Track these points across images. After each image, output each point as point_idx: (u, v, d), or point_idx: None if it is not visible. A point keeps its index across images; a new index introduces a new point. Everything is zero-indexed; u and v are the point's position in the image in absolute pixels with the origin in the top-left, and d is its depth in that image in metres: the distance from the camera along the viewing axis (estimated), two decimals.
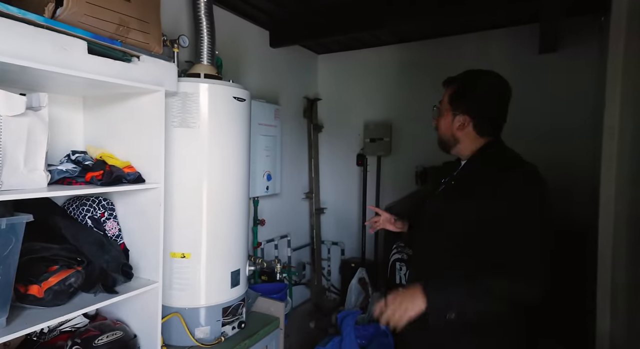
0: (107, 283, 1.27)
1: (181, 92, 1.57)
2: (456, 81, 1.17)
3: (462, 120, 1.15)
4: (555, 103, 2.51)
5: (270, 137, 2.58)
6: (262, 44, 2.78)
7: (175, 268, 1.61)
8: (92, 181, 1.26)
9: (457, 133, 1.17)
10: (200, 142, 1.60)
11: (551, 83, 2.50)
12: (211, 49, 1.77)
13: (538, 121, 2.54)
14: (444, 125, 1.19)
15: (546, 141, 2.50)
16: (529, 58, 2.55)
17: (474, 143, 1.17)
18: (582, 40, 2.36)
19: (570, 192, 2.31)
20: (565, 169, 2.38)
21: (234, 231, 1.73)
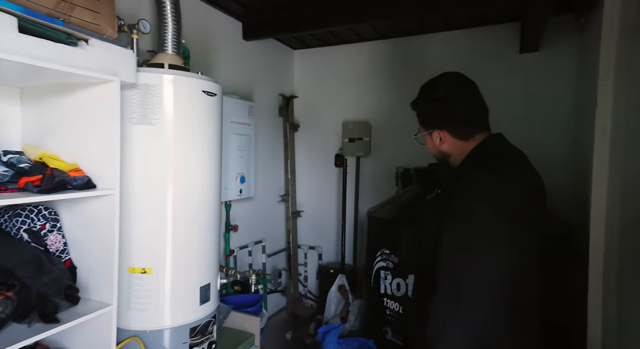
0: (45, 310, 1.06)
1: (141, 84, 1.37)
2: (415, 102, 1.15)
3: (438, 135, 1.10)
4: (534, 103, 2.49)
5: (244, 136, 2.40)
6: (234, 36, 2.58)
7: (134, 285, 1.41)
8: (26, 188, 1.04)
9: (443, 148, 1.11)
10: (164, 141, 1.40)
11: (531, 83, 2.49)
12: (177, 37, 1.57)
13: (517, 120, 2.51)
14: (430, 146, 1.15)
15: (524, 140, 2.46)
16: (510, 57, 2.52)
17: (463, 149, 1.08)
18: (562, 40, 2.35)
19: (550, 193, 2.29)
20: (544, 170, 2.36)
21: (203, 240, 1.55)
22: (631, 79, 1.35)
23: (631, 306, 1.30)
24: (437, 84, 1.10)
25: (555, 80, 2.41)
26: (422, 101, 1.12)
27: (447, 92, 1.07)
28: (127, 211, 1.38)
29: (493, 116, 1.11)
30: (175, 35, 1.56)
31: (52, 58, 1.02)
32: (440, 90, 1.08)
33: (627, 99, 1.37)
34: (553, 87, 2.42)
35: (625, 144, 1.38)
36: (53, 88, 1.26)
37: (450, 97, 1.07)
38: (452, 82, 1.09)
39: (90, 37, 1.14)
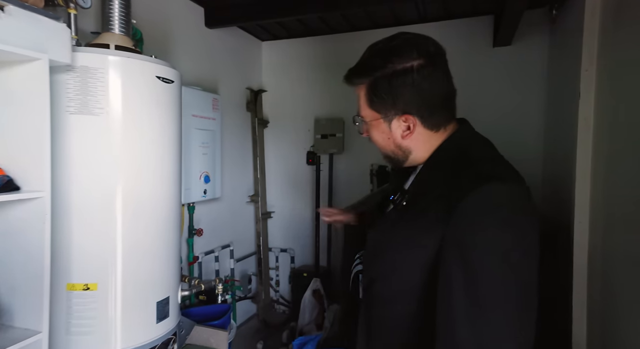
0: None
1: (79, 66, 1.16)
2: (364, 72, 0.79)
3: (405, 123, 0.77)
4: (508, 98, 2.48)
5: (208, 131, 2.19)
6: (196, 22, 2.37)
7: (75, 304, 1.19)
8: None
9: (405, 142, 0.79)
10: (111, 134, 1.20)
11: (505, 77, 2.47)
12: (125, 15, 1.36)
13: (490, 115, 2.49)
14: (380, 138, 0.82)
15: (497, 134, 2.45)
16: (483, 51, 2.49)
17: (429, 144, 0.80)
18: (534, 33, 2.35)
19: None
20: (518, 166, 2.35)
21: (160, 248, 1.36)
22: (616, 69, 1.30)
23: (618, 305, 1.26)
24: (413, 48, 0.74)
25: (528, 74, 2.41)
26: (384, 71, 0.75)
27: (427, 62, 0.73)
28: (66, 217, 1.17)
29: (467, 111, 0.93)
30: (123, 12, 1.35)
31: None
32: (418, 58, 0.73)
33: (611, 89, 1.33)
34: (526, 81, 2.42)
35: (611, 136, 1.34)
36: None
37: (431, 69, 0.74)
38: (433, 48, 0.76)
39: (6, 3, 0.92)
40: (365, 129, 0.85)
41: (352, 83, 0.82)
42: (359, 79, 0.80)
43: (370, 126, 0.83)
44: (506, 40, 2.31)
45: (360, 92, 0.82)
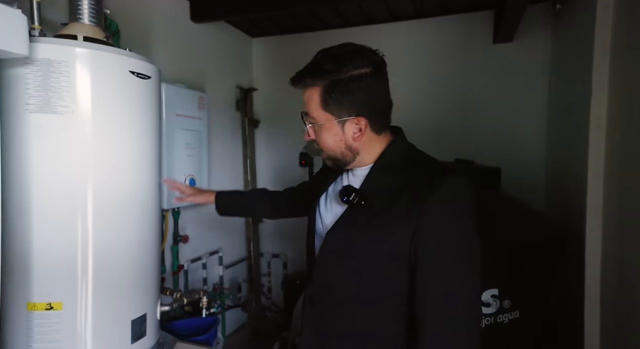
0: None
1: (41, 59, 1.03)
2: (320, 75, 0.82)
3: (357, 124, 0.83)
4: (508, 96, 2.39)
5: (194, 132, 2.07)
6: (181, 16, 2.24)
7: (36, 326, 1.06)
8: None
9: (355, 144, 0.85)
10: (77, 134, 1.07)
11: (505, 75, 2.38)
12: (95, 4, 1.23)
13: (490, 114, 2.40)
14: (331, 140, 0.85)
15: (498, 135, 2.37)
16: (483, 48, 2.40)
17: (374, 147, 0.87)
18: (535, 29, 2.26)
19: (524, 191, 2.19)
20: (519, 166, 2.26)
21: (138, 259, 1.23)
22: (630, 64, 1.21)
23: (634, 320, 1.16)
24: (364, 57, 0.82)
25: (529, 71, 2.32)
26: (340, 75, 0.80)
27: (376, 70, 0.82)
28: (24, 228, 1.04)
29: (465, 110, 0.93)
30: (93, 0, 1.23)
31: None
32: (368, 65, 0.81)
33: (625, 86, 1.23)
34: (527, 78, 2.33)
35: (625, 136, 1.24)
36: None
37: (379, 77, 0.83)
38: (379, 59, 0.85)
39: None
40: (313, 131, 0.88)
41: (304, 84, 0.85)
42: (313, 81, 0.83)
43: (321, 128, 0.86)
44: (507, 36, 2.22)
45: (312, 94, 0.84)
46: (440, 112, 2.50)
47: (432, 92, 2.53)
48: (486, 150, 2.34)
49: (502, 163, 1.89)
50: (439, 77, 2.50)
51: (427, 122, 2.50)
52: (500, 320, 1.19)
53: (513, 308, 1.21)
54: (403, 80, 2.58)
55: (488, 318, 1.19)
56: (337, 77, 0.80)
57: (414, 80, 2.56)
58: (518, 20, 1.98)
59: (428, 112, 2.53)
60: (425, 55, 2.53)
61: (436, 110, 2.51)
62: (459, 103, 2.44)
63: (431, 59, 2.52)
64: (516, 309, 1.22)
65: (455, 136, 2.44)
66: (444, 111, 2.49)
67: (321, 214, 0.98)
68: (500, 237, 1.28)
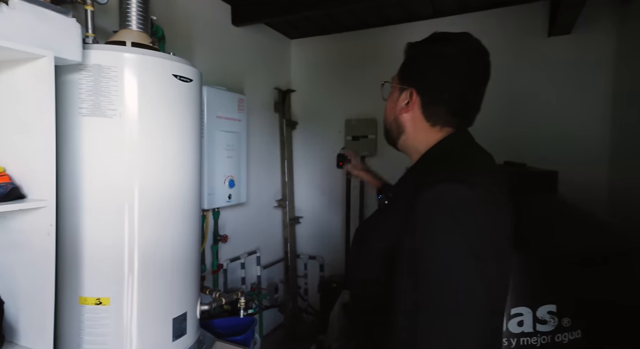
0: None
1: (92, 65, 1.08)
2: (417, 46, 0.84)
3: (408, 97, 0.81)
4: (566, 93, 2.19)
5: (233, 133, 2.10)
6: (222, 20, 2.29)
7: (86, 319, 1.11)
8: None
9: (402, 117, 0.83)
10: (124, 138, 1.11)
11: (562, 70, 2.19)
12: (143, 10, 1.28)
13: (546, 113, 2.22)
14: (389, 105, 0.88)
15: (555, 136, 2.18)
16: (536, 42, 2.23)
17: (423, 138, 0.82)
18: (598, 19, 2.05)
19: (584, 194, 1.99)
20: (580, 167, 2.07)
21: (179, 259, 1.26)
22: None
23: None
24: (455, 40, 0.79)
25: (590, 66, 2.12)
26: (422, 46, 0.82)
27: (462, 58, 0.77)
28: (76, 227, 1.09)
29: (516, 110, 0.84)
30: (140, 7, 1.27)
31: None
32: (454, 49, 0.78)
33: None
34: (588, 74, 2.13)
35: None
36: None
37: (459, 65, 0.77)
38: (473, 50, 0.79)
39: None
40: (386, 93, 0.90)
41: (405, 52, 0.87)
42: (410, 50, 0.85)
43: (389, 92, 0.88)
44: (565, 28, 2.04)
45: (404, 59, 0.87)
46: (487, 112, 2.35)
47: None
48: (541, 152, 2.17)
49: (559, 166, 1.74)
50: None
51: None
52: (559, 340, 1.08)
53: (574, 327, 1.09)
54: None
55: (544, 336, 1.08)
56: (420, 49, 0.82)
57: None
58: (579, 10, 1.81)
59: None
60: None
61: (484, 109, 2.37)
62: (509, 102, 2.28)
63: None
64: (577, 329, 1.10)
65: (505, 138, 2.29)
66: (491, 111, 2.34)
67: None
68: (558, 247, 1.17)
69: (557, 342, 1.09)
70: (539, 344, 1.09)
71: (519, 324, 1.09)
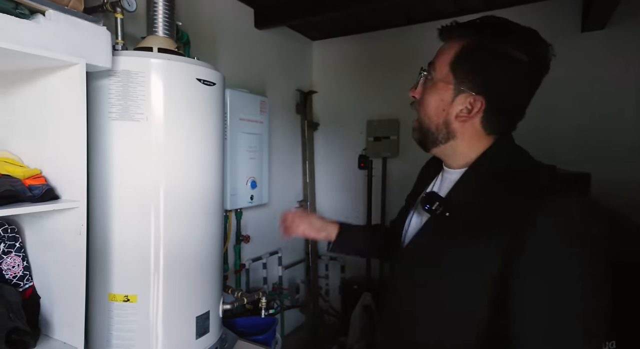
0: None
1: (121, 70, 1.12)
2: (478, 32, 0.70)
3: (471, 102, 0.71)
4: (597, 93, 2.09)
5: (255, 135, 2.13)
6: (245, 24, 2.33)
7: (115, 316, 1.16)
8: None
9: (456, 124, 0.73)
10: (151, 140, 1.15)
11: (597, 68, 2.08)
12: (169, 17, 1.32)
13: (575, 114, 2.12)
14: (434, 104, 0.75)
15: (591, 138, 2.08)
16: (568, 38, 2.13)
17: (476, 144, 0.74)
18: (636, 11, 1.94)
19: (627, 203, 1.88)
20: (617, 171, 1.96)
21: (203, 258, 1.29)
22: None
23: None
24: (528, 41, 0.69)
25: (627, 63, 2.00)
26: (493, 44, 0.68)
27: (535, 66, 0.69)
28: (106, 226, 1.14)
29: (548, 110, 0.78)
30: (166, 14, 1.31)
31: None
32: (530, 53, 0.68)
33: None
34: (623, 71, 2.01)
35: None
36: (10, 77, 1.03)
37: (533, 74, 0.70)
38: (546, 59, 0.70)
39: (47, 7, 0.89)
40: (422, 89, 0.78)
41: (451, 33, 0.74)
42: (463, 33, 0.72)
43: (433, 86, 0.75)
44: (599, 22, 1.94)
45: (450, 48, 0.73)
46: None
47: None
48: (573, 152, 2.07)
49: (592, 168, 1.66)
50: None
51: None
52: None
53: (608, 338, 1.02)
54: None
55: None
56: (487, 43, 0.69)
57: None
58: (615, 3, 1.71)
59: None
60: None
61: None
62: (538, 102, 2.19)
63: None
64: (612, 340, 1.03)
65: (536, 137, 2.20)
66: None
67: (411, 220, 0.88)
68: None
69: None
70: None
71: None
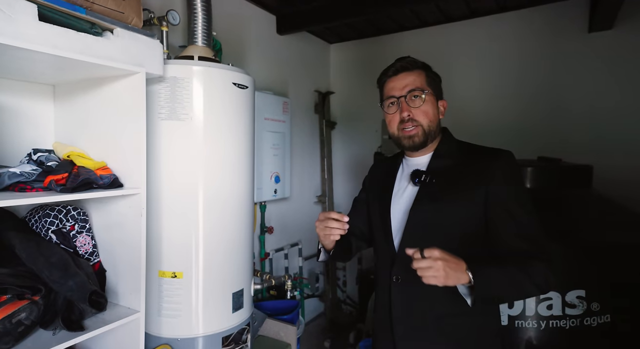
0: (71, 317, 1.00)
1: (169, 77, 1.29)
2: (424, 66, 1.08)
3: (443, 105, 1.08)
4: (604, 92, 2.17)
5: (278, 133, 2.29)
6: (268, 30, 2.50)
7: (165, 290, 1.33)
8: (50, 187, 0.99)
9: (439, 121, 1.07)
10: (194, 138, 1.32)
11: (605, 67, 2.16)
12: (207, 28, 1.49)
13: (588, 112, 2.20)
14: (432, 112, 1.03)
15: (598, 135, 2.16)
16: (576, 38, 2.21)
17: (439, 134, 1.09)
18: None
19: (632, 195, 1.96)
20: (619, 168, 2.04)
21: (236, 243, 1.45)
22: None
23: None
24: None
25: (633, 62, 2.07)
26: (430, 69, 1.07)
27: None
28: (157, 212, 1.32)
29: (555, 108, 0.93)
30: (205, 26, 1.48)
31: (76, 48, 0.95)
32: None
33: None
34: (630, 70, 2.09)
35: None
36: (82, 84, 1.22)
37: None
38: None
39: (115, 26, 1.07)
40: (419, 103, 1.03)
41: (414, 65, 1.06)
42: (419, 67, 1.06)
43: (429, 100, 1.03)
44: (606, 23, 2.02)
45: (419, 74, 1.05)
46: (523, 108, 2.38)
47: (514, 88, 2.41)
48: (580, 148, 2.16)
49: (599, 162, 1.75)
50: (524, 72, 2.37)
51: (508, 118, 2.40)
52: (588, 323, 1.13)
53: (602, 312, 1.14)
54: (483, 76, 2.51)
55: (573, 319, 1.14)
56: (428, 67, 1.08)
57: (493, 76, 2.47)
58: (620, 2, 1.79)
59: (510, 108, 2.42)
60: (508, 50, 2.42)
61: (520, 106, 2.39)
62: (547, 98, 2.29)
63: (513, 54, 2.40)
64: (606, 314, 1.14)
65: (545, 133, 2.30)
66: (528, 107, 2.36)
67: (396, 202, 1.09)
68: (587, 237, 1.21)
69: (586, 325, 1.15)
70: (568, 326, 1.16)
71: (548, 307, 1.17)
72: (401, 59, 1.08)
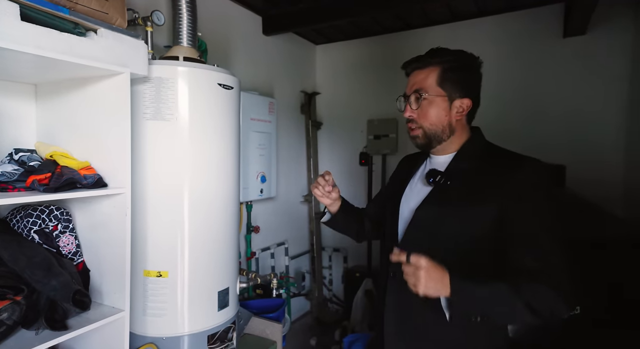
0: (54, 316, 1.00)
1: (154, 77, 1.30)
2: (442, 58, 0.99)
3: (463, 104, 0.98)
4: (580, 94, 2.26)
5: (264, 133, 2.31)
6: (254, 31, 2.51)
7: (150, 289, 1.34)
8: (33, 186, 0.99)
9: (454, 123, 1.00)
10: (179, 138, 1.33)
11: (578, 71, 2.25)
12: (192, 29, 1.50)
13: (562, 114, 2.29)
14: (435, 115, 0.98)
15: (571, 136, 2.25)
16: (552, 43, 2.30)
17: (462, 135, 1.02)
18: (613, 19, 2.11)
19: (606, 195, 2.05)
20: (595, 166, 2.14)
21: (222, 242, 1.47)
22: None
23: None
24: (472, 56, 1.01)
25: (606, 66, 2.17)
26: (459, 58, 0.99)
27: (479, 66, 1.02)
28: (142, 212, 1.32)
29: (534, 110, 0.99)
30: (190, 27, 1.49)
31: (60, 49, 0.95)
32: (476, 62, 1.01)
33: None
34: (603, 74, 2.18)
35: None
36: (65, 83, 1.21)
37: (480, 73, 1.02)
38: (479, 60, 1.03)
39: (99, 26, 1.07)
40: (416, 106, 1.00)
41: (427, 63, 0.99)
42: (435, 60, 0.98)
43: (430, 103, 0.98)
44: (579, 28, 2.11)
45: (430, 73, 0.99)
46: (502, 110, 2.45)
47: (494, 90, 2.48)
48: (556, 149, 2.24)
49: (574, 162, 1.82)
50: (502, 75, 2.44)
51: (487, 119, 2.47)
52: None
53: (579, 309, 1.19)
54: None
55: None
56: (455, 62, 0.98)
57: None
58: (592, 9, 1.87)
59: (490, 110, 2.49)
60: (488, 54, 2.49)
61: (499, 109, 2.47)
62: (524, 101, 2.36)
63: (493, 57, 2.48)
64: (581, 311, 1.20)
65: (523, 136, 2.37)
66: (507, 109, 2.44)
67: (407, 199, 1.07)
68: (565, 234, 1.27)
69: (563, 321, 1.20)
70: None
71: None
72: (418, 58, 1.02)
